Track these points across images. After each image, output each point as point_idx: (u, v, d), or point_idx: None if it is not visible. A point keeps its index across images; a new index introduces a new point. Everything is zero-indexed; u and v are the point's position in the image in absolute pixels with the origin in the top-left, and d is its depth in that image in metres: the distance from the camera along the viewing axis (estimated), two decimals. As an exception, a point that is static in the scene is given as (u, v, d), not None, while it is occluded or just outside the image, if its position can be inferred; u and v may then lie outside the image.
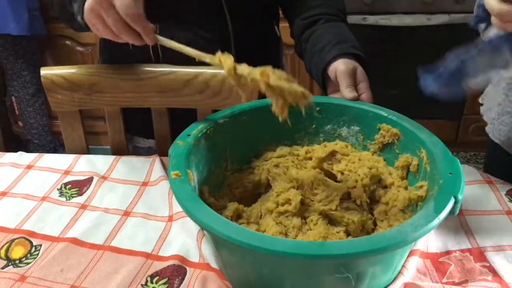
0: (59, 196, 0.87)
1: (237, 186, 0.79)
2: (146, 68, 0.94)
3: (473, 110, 2.22)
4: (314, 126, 0.84)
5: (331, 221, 0.70)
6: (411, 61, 2.21)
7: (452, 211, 0.58)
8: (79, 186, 0.89)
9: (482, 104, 1.05)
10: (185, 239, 0.76)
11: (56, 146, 2.56)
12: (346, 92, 0.83)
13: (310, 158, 0.81)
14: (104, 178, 0.92)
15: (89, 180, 0.91)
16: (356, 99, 0.82)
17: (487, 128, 1.03)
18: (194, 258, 0.73)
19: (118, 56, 0.99)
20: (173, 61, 0.93)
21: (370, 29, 2.14)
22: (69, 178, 0.92)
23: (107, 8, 0.72)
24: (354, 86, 0.84)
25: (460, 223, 0.77)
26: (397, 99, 2.26)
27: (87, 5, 0.74)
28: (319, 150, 0.80)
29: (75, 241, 0.76)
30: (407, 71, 2.19)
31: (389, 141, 0.77)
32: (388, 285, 0.64)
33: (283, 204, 0.71)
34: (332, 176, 0.78)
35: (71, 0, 0.80)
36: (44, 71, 0.98)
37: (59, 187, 0.89)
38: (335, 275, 0.57)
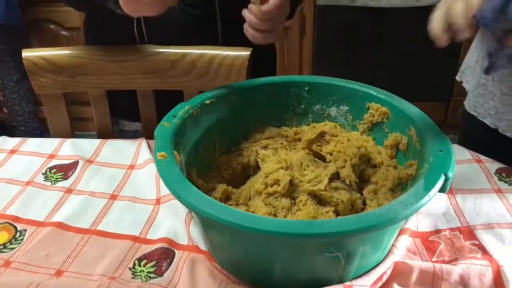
0: (44, 180, 0.85)
1: (225, 168, 0.78)
2: (131, 49, 0.92)
3: (462, 92, 2.22)
4: (303, 106, 0.83)
5: (320, 201, 0.70)
6: (400, 43, 2.22)
7: (442, 189, 0.58)
8: (65, 170, 0.88)
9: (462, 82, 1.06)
10: (173, 222, 0.75)
11: (43, 132, 2.53)
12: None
13: (299, 140, 0.80)
14: (90, 161, 0.90)
15: (75, 164, 0.89)
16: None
17: (464, 102, 1.02)
18: (183, 240, 0.72)
19: (102, 38, 0.96)
20: (158, 42, 0.91)
21: (359, 11, 2.13)
22: (54, 162, 0.90)
23: None
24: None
25: (450, 202, 0.77)
26: (386, 81, 2.26)
27: None
28: (308, 131, 0.79)
29: (60, 226, 0.75)
30: (396, 53, 2.20)
31: (378, 120, 0.77)
32: (378, 264, 0.64)
33: (272, 185, 0.70)
34: (321, 157, 0.77)
35: None
36: (26, 53, 0.95)
37: (44, 171, 0.88)
38: (325, 254, 0.56)
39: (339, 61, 2.27)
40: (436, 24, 0.63)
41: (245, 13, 0.81)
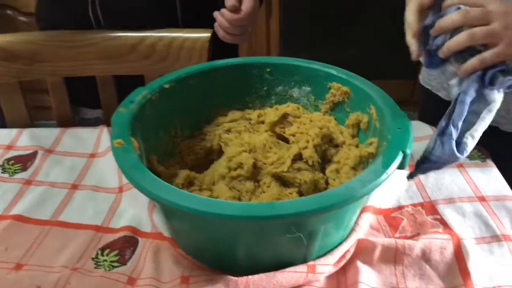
0: (2, 172, 0.83)
1: (188, 153, 0.77)
2: (89, 34, 0.89)
3: (427, 69, 2.25)
4: (265, 88, 0.82)
5: (284, 182, 0.69)
6: (368, 22, 2.22)
7: (401, 166, 0.58)
8: (23, 161, 0.85)
9: None
10: (136, 210, 0.74)
11: (4, 123, 2.45)
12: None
13: (263, 122, 0.80)
14: (49, 151, 0.87)
15: (34, 154, 0.86)
16: (236, 8, 0.82)
17: (419, 75, 1.03)
18: (146, 228, 0.71)
19: (56, 23, 0.93)
20: (115, 26, 0.89)
21: (325, -10, 2.12)
22: (12, 153, 0.87)
23: None
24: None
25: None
26: (353, 60, 2.26)
27: None
28: (271, 113, 0.79)
29: (19, 218, 0.73)
30: (363, 31, 2.20)
31: (340, 100, 0.76)
32: (341, 242, 0.64)
33: (235, 169, 0.69)
34: (285, 139, 0.77)
35: None
36: (-23, 41, 0.91)
37: (1, 163, 0.85)
38: (287, 236, 0.56)
39: (307, 41, 2.27)
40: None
41: (217, 15, 0.81)
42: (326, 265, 0.61)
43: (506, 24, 0.56)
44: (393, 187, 0.76)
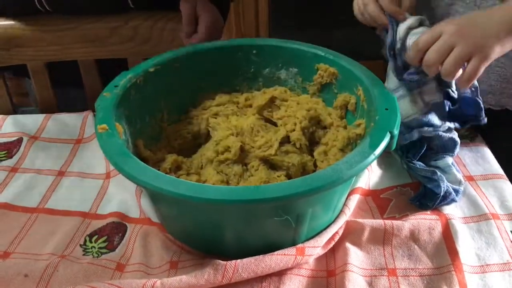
0: (-14, 160, 0.82)
1: (175, 138, 0.76)
2: (70, 18, 0.87)
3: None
4: (252, 70, 0.81)
5: (272, 165, 0.69)
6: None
7: (388, 146, 0.58)
8: (8, 149, 0.84)
9: None
10: (124, 195, 0.73)
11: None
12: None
13: (250, 106, 0.79)
14: (34, 138, 0.86)
15: (19, 141, 0.85)
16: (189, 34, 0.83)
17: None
18: (134, 214, 0.71)
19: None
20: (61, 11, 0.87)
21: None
22: (-4, 140, 0.86)
23: None
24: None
25: (399, 161, 0.78)
26: (343, 40, 2.25)
27: None
28: (259, 97, 0.78)
29: (6, 206, 0.72)
30: (350, 12, 2.18)
31: (328, 81, 0.76)
32: (330, 224, 0.64)
33: (223, 152, 0.69)
34: (273, 122, 0.76)
35: None
36: (-45, 26, 0.89)
37: (-15, 151, 0.84)
38: (275, 219, 0.56)
39: (296, 21, 2.24)
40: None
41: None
42: (315, 247, 0.61)
43: (463, 38, 0.62)
44: (382, 168, 0.76)
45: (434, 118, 0.70)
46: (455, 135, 0.72)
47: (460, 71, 0.63)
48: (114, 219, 0.69)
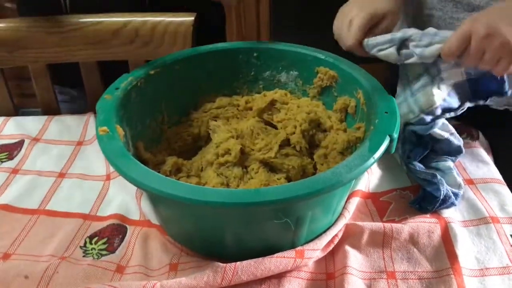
0: (-13, 161, 0.82)
1: (176, 140, 0.76)
2: (71, 19, 0.87)
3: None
4: (252, 73, 0.81)
5: (272, 168, 0.69)
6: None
7: (387, 150, 0.58)
8: (9, 150, 0.84)
9: None
10: (124, 197, 0.73)
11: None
12: None
13: (250, 108, 0.79)
14: (36, 140, 0.86)
15: (20, 143, 0.85)
16: None
17: None
18: (134, 216, 0.71)
19: (31, 8, 0.91)
20: (81, 10, 0.88)
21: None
22: (-3, 142, 0.86)
23: None
24: None
25: (399, 162, 0.78)
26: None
27: None
28: (259, 100, 0.78)
29: (6, 208, 0.72)
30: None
31: (328, 84, 0.76)
32: (329, 227, 0.64)
33: (223, 155, 0.69)
34: (273, 125, 0.77)
35: None
36: (-42, 28, 0.89)
37: (-14, 152, 0.84)
38: (274, 221, 0.56)
39: (297, 23, 2.25)
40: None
41: None
42: (314, 250, 0.61)
43: (492, 41, 0.61)
44: (382, 171, 0.76)
45: (453, 101, 0.69)
46: (461, 142, 0.72)
47: None
48: (114, 221, 0.70)
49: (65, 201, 0.74)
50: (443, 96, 0.68)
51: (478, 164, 0.78)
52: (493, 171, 0.76)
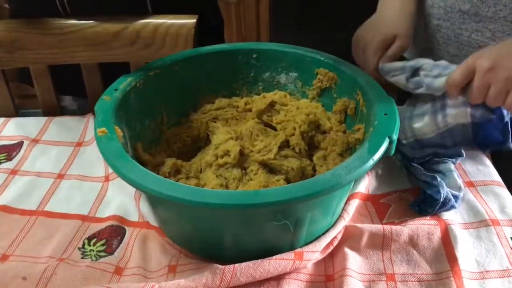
0: (-14, 162, 0.82)
1: (175, 141, 0.76)
2: (72, 21, 0.87)
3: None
4: (252, 74, 0.81)
5: (271, 170, 0.69)
6: (357, 4, 2.20)
7: (387, 152, 0.58)
8: (8, 151, 0.84)
9: None
10: (123, 199, 0.73)
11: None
12: None
13: (250, 110, 0.79)
14: (35, 141, 0.86)
15: (19, 144, 0.85)
16: None
17: None
18: (133, 217, 0.71)
19: (25, 10, 0.91)
20: (81, 12, 0.87)
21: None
22: (-4, 143, 0.86)
23: None
24: None
25: (398, 164, 0.78)
26: (343, 44, 2.25)
27: None
28: (258, 101, 0.78)
29: (5, 209, 0.72)
30: (353, 14, 2.18)
31: (327, 86, 0.76)
32: (329, 229, 0.64)
33: (222, 156, 0.69)
34: (272, 127, 0.77)
35: None
36: (-41, 29, 0.89)
37: (-15, 153, 0.84)
38: (273, 223, 0.56)
39: (297, 24, 2.25)
40: None
41: None
42: (314, 252, 0.61)
43: (496, 74, 0.61)
44: (381, 173, 0.76)
45: (448, 140, 0.69)
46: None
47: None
48: (113, 222, 0.69)
49: (63, 202, 0.74)
50: (439, 129, 0.68)
51: (478, 166, 0.78)
52: (493, 174, 0.76)
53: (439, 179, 0.68)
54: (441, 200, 0.67)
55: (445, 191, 0.68)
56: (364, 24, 0.78)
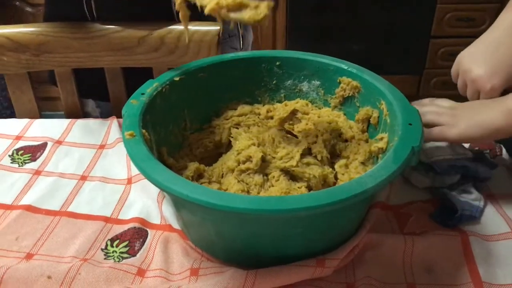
0: (11, 162, 0.83)
1: (197, 146, 0.77)
2: (98, 26, 0.89)
3: (434, 64, 2.24)
4: (274, 82, 0.82)
5: (293, 177, 0.69)
6: (374, 16, 2.21)
7: (410, 162, 0.58)
8: (32, 152, 0.85)
9: None
10: (145, 201, 0.74)
11: (12, 113, 2.45)
12: None
13: (271, 117, 0.79)
14: (59, 142, 0.88)
15: (43, 145, 0.87)
16: None
17: None
18: (155, 220, 0.72)
19: (57, 15, 0.93)
20: (108, 18, 0.89)
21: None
22: (21, 143, 0.88)
23: None
24: None
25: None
26: (360, 55, 2.26)
27: None
28: (280, 109, 0.79)
29: (29, 208, 0.73)
30: (370, 25, 2.19)
31: (350, 95, 0.76)
32: (350, 237, 0.64)
33: (244, 162, 0.69)
34: (293, 135, 0.77)
35: None
36: (-13, 32, 0.91)
37: (10, 153, 0.85)
38: (296, 229, 0.56)
39: (313, 35, 2.26)
40: None
41: None
42: (335, 260, 0.61)
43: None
44: (403, 182, 0.76)
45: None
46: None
47: None
48: (135, 225, 0.70)
49: (86, 204, 0.75)
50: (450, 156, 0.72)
51: (500, 179, 0.78)
52: (514, 186, 0.76)
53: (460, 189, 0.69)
54: (462, 211, 0.67)
55: (466, 202, 0.68)
56: (475, 47, 0.75)
